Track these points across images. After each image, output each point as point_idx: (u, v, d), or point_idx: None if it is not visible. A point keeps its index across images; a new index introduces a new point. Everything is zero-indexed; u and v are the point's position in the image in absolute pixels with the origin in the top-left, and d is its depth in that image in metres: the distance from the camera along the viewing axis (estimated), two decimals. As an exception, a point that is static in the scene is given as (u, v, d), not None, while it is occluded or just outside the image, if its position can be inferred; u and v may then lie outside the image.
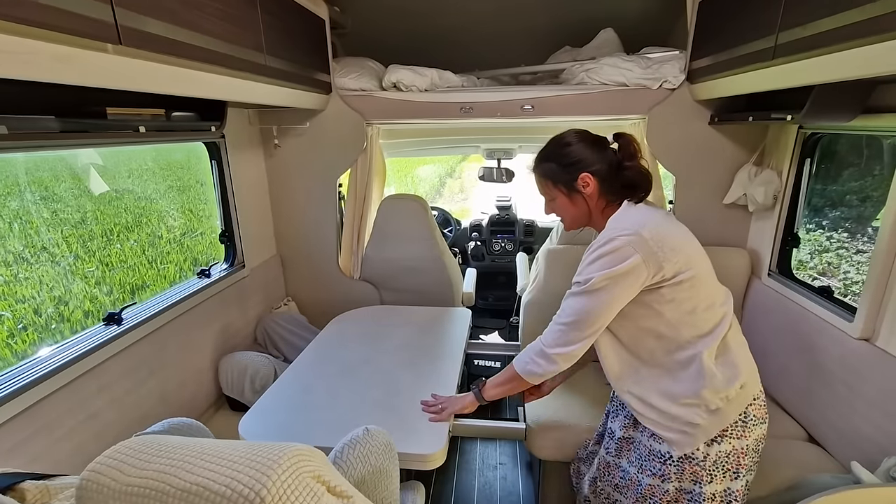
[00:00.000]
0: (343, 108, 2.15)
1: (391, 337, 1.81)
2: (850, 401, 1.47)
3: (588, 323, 1.09)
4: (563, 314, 1.13)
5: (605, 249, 1.06)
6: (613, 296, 1.06)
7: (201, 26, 1.17)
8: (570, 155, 1.18)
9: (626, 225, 1.08)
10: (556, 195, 1.22)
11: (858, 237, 3.94)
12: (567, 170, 1.18)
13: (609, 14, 2.37)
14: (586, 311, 1.08)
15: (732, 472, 1.13)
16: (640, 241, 1.04)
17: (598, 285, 1.05)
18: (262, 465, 0.51)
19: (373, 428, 0.91)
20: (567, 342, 1.11)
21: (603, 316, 1.09)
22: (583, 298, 1.08)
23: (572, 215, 1.23)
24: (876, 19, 1.01)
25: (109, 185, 5.69)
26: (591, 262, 1.08)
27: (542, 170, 1.24)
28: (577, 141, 1.20)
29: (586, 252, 1.12)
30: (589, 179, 1.16)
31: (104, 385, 1.37)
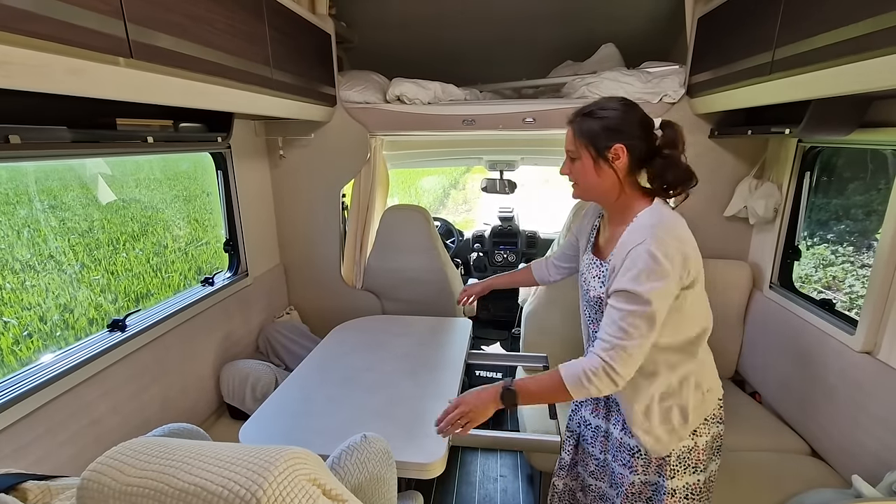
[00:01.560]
0: (347, 119, 2.19)
1: (392, 346, 1.81)
2: (853, 414, 1.46)
3: (650, 338, 1.01)
4: (622, 330, 1.00)
5: (670, 250, 0.99)
6: (662, 309, 1.00)
7: (210, 41, 1.21)
8: (613, 119, 1.07)
9: (679, 231, 1.04)
10: (583, 155, 1.10)
11: (864, 251, 3.93)
12: (605, 133, 1.07)
13: (610, 29, 2.41)
14: (648, 326, 1.00)
15: (692, 467, 1.17)
16: (684, 257, 1.01)
17: (654, 298, 0.98)
18: (259, 467, 0.52)
19: (371, 435, 0.91)
20: (635, 362, 1.02)
21: (657, 330, 1.03)
22: (643, 320, 1.00)
23: (590, 183, 1.12)
24: (870, 35, 1.03)
25: (117, 194, 5.76)
26: (641, 269, 0.99)
27: (579, 124, 1.11)
28: (626, 109, 1.10)
29: (636, 253, 1.01)
30: (622, 152, 1.07)
31: (107, 391, 1.38)
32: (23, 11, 0.75)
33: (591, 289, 1.18)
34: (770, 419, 1.81)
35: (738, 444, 1.67)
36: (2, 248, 4.15)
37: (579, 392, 1.02)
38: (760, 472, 1.52)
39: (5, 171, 4.29)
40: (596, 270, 1.18)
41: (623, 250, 1.04)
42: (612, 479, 1.27)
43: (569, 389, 1.03)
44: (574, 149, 1.12)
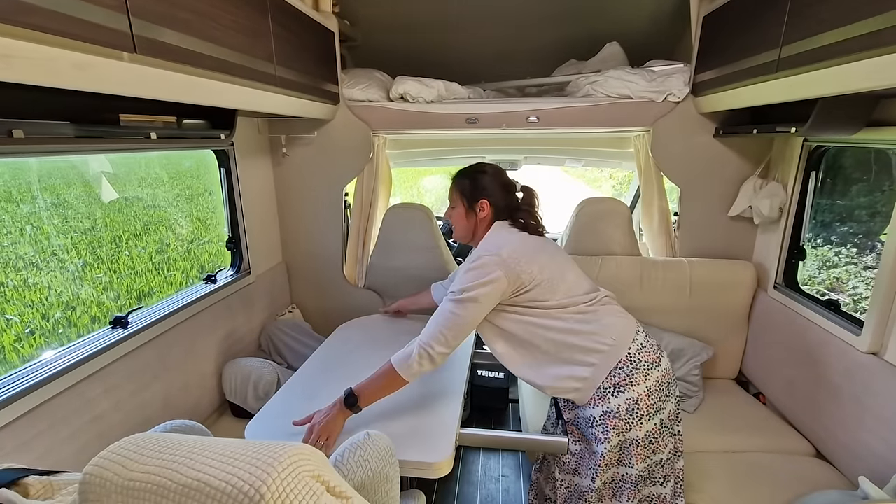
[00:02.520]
0: (350, 118, 2.18)
1: (396, 345, 1.80)
2: (858, 415, 1.45)
3: (466, 326, 1.28)
4: (442, 319, 1.29)
5: (475, 265, 1.30)
6: (481, 303, 1.28)
7: (214, 36, 1.20)
8: (481, 181, 1.46)
9: (489, 247, 1.33)
10: (458, 205, 1.48)
11: (867, 252, 3.91)
12: (474, 191, 1.45)
13: (614, 28, 2.40)
14: (462, 316, 1.28)
15: (644, 414, 1.26)
16: (500, 259, 1.28)
17: (470, 294, 1.27)
18: (263, 463, 0.52)
19: (374, 432, 0.91)
20: (448, 343, 1.27)
21: (475, 319, 1.30)
22: (459, 305, 1.28)
23: (462, 227, 1.50)
24: (878, 33, 1.02)
25: (120, 192, 5.77)
26: (464, 274, 1.31)
27: (458, 181, 1.51)
28: (492, 174, 1.48)
29: (461, 268, 1.39)
30: (486, 206, 1.44)
31: (109, 387, 1.38)
32: (26, 4, 0.75)
33: None
34: (774, 420, 1.80)
35: (742, 445, 1.66)
36: (4, 245, 4.16)
37: (410, 374, 1.28)
38: (765, 474, 1.51)
39: (8, 168, 4.30)
40: None
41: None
42: (582, 465, 1.36)
43: (401, 374, 1.28)
44: (453, 199, 1.51)
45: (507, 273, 1.28)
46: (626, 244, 2.12)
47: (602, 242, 2.12)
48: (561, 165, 4.44)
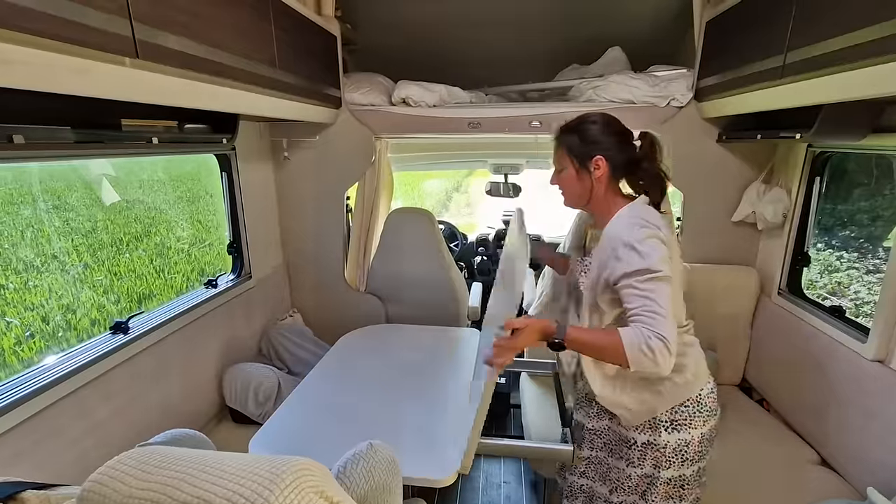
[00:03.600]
0: (352, 122, 2.18)
1: (401, 356, 1.79)
2: (865, 424, 1.43)
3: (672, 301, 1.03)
4: (657, 304, 1.01)
5: (649, 233, 1.05)
6: (669, 272, 1.04)
7: (216, 41, 1.20)
8: (592, 134, 1.19)
9: (652, 220, 1.09)
10: (567, 166, 1.22)
11: (869, 257, 3.90)
12: (584, 146, 1.19)
13: (617, 33, 2.40)
14: (665, 289, 1.02)
15: (688, 459, 1.20)
16: (662, 237, 1.07)
17: (656, 265, 1.03)
18: (265, 479, 0.50)
19: (377, 443, 0.89)
20: (671, 326, 1.01)
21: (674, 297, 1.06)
22: (662, 283, 1.02)
23: (575, 192, 1.23)
24: (884, 40, 1.01)
25: (121, 195, 5.77)
26: (645, 249, 1.03)
27: (562, 139, 1.23)
28: (603, 124, 1.20)
29: (619, 243, 1.08)
30: (601, 163, 1.17)
31: (109, 394, 1.37)
32: (27, 9, 0.74)
33: (580, 284, 1.26)
34: (778, 427, 1.79)
35: (746, 453, 1.65)
36: (5, 247, 4.15)
37: (639, 360, 0.99)
38: (769, 482, 1.50)
39: (10, 171, 4.29)
40: (581, 267, 1.27)
41: (607, 244, 1.12)
42: (605, 475, 1.32)
43: (628, 356, 1.00)
44: (559, 160, 1.24)
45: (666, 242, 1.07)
46: (629, 249, 2.11)
47: (605, 247, 2.11)
48: (563, 169, 4.43)
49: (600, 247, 1.15)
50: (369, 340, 1.94)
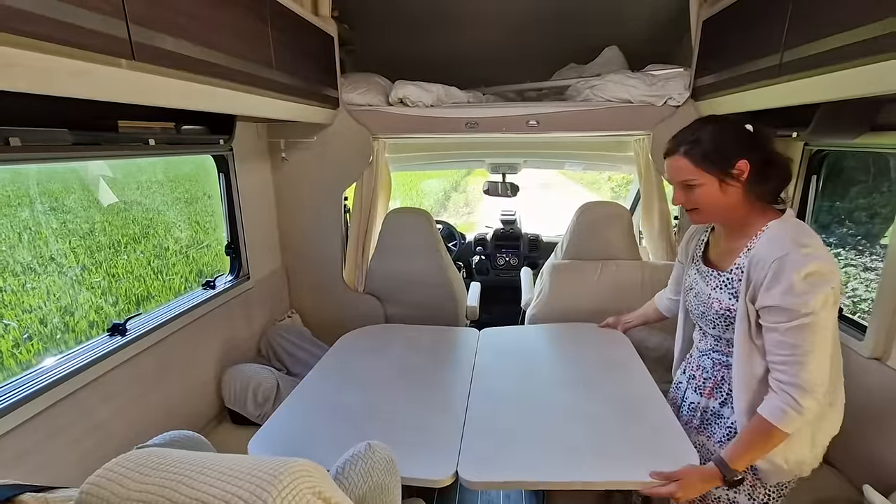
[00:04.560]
0: (350, 122, 2.18)
1: (401, 357, 1.77)
2: (863, 422, 1.43)
3: (823, 348, 0.99)
4: (790, 346, 0.99)
5: (810, 271, 0.96)
6: (827, 318, 0.99)
7: (212, 42, 1.19)
8: (729, 137, 1.08)
9: (823, 251, 1.00)
10: (706, 181, 1.08)
11: (867, 254, 3.91)
12: (726, 152, 1.06)
13: (614, 32, 2.40)
14: (813, 337, 0.97)
15: (784, 496, 1.18)
16: (838, 271, 0.99)
17: (813, 308, 0.96)
18: (263, 481, 0.50)
19: (375, 443, 0.90)
20: (820, 372, 0.99)
21: (830, 340, 1.01)
22: (804, 322, 0.97)
23: (719, 206, 1.10)
24: (880, 38, 1.02)
25: (119, 196, 5.76)
26: (799, 285, 0.96)
27: (687, 150, 1.09)
28: (725, 125, 1.10)
29: (773, 268, 0.99)
30: (745, 166, 1.05)
31: (108, 395, 1.37)
32: (23, 12, 0.74)
33: (714, 301, 1.16)
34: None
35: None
36: (2, 250, 4.14)
37: (792, 422, 1.00)
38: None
39: (7, 173, 4.28)
40: (716, 282, 1.17)
41: (761, 263, 1.01)
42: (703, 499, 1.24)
43: (780, 427, 1.00)
44: (693, 176, 1.09)
45: (832, 284, 0.97)
46: (627, 248, 2.11)
47: (602, 246, 2.11)
48: (560, 169, 4.45)
49: (752, 264, 1.04)
50: (368, 340, 1.94)
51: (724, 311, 1.14)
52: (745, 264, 1.06)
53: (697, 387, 1.29)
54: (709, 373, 1.26)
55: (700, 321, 1.26)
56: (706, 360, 1.27)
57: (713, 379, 1.24)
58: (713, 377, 1.24)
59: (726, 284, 1.14)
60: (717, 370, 1.23)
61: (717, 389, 1.24)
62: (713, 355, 1.25)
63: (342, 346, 1.90)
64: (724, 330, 1.17)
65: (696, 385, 1.30)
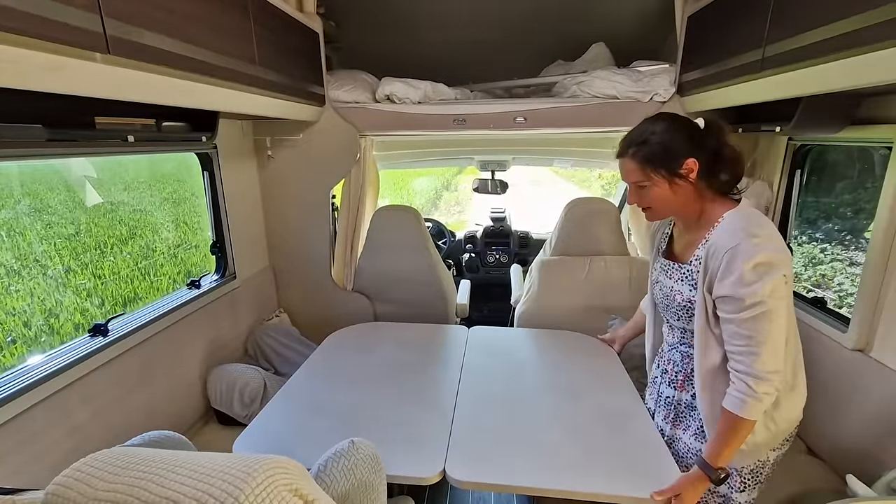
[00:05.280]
0: (337, 119, 2.16)
1: (389, 355, 1.77)
2: (847, 413, 1.45)
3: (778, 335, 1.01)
4: (744, 337, 1.02)
5: (758, 261, 0.98)
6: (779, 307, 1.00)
7: (192, 37, 1.18)
8: (674, 139, 1.09)
9: (774, 240, 1.02)
10: (655, 182, 1.11)
11: (852, 249, 3.96)
12: (672, 153, 1.08)
13: (601, 29, 2.41)
14: (769, 325, 1.00)
15: (760, 483, 1.19)
16: (789, 259, 1.01)
17: (765, 297, 0.98)
18: (236, 479, 0.49)
19: (358, 440, 0.89)
20: (776, 360, 1.01)
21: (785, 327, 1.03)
22: (757, 312, 1.00)
23: (671, 205, 1.13)
24: (859, 31, 1.02)
25: (105, 197, 5.69)
26: (749, 275, 0.98)
27: (635, 153, 1.12)
28: (674, 124, 1.11)
29: (725, 259, 1.01)
30: (694, 165, 1.08)
31: (89, 397, 1.34)
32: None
33: (676, 294, 1.19)
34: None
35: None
36: (-16, 252, 4.07)
37: (752, 409, 1.02)
38: None
39: (-12, 173, 4.21)
40: (678, 274, 1.19)
41: (716, 253, 1.04)
42: None
43: (742, 415, 1.02)
44: (641, 178, 1.13)
45: (784, 273, 1.00)
46: (615, 244, 2.12)
47: (591, 242, 2.11)
48: (549, 166, 4.46)
49: (708, 255, 1.06)
50: (356, 338, 1.93)
51: (685, 302, 1.16)
52: (703, 255, 1.08)
53: (671, 381, 1.31)
54: (679, 366, 1.28)
55: (666, 314, 1.27)
56: (675, 353, 1.28)
57: (683, 372, 1.26)
58: (683, 370, 1.26)
59: (687, 276, 1.16)
60: (687, 363, 1.25)
61: (688, 382, 1.25)
62: (681, 348, 1.26)
63: (330, 344, 1.89)
64: (687, 321, 1.18)
65: (670, 379, 1.32)
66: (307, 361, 1.73)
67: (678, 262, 1.20)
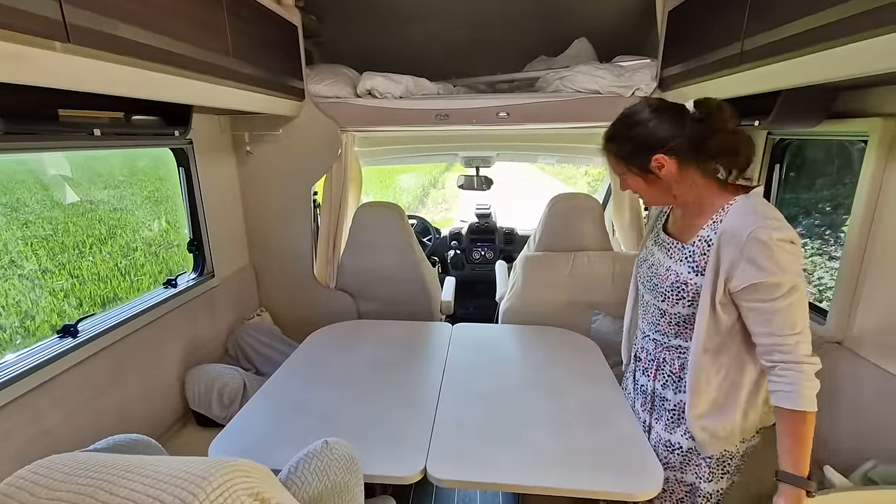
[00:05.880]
0: (317, 114, 2.12)
1: (370, 354, 1.74)
2: (825, 404, 1.45)
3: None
4: (786, 322, 0.97)
5: (778, 242, 0.94)
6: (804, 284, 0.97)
7: (160, 26, 1.14)
8: (640, 135, 1.07)
9: (787, 223, 1.00)
10: (630, 176, 1.13)
11: (832, 243, 4.03)
12: (637, 150, 1.07)
13: (583, 24, 2.40)
14: (804, 305, 0.97)
15: (729, 472, 1.18)
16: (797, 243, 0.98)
17: (795, 277, 0.95)
18: (190, 483, 0.47)
19: (332, 440, 0.86)
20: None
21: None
22: (792, 295, 0.96)
23: (650, 196, 1.14)
24: (835, 24, 1.03)
25: (83, 195, 5.56)
26: (777, 257, 0.94)
27: (609, 148, 1.14)
28: (649, 116, 1.07)
29: (746, 246, 0.96)
30: (664, 161, 1.05)
31: (58, 400, 1.30)
32: None
33: (671, 273, 1.13)
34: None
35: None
36: (-45, 253, 3.96)
37: (809, 401, 0.96)
38: None
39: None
40: (679, 254, 1.13)
41: (732, 236, 0.99)
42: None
43: (802, 409, 0.96)
44: (620, 170, 1.15)
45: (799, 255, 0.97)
46: (598, 239, 2.12)
47: (574, 238, 2.11)
48: (534, 162, 4.46)
49: (721, 239, 1.02)
50: (338, 337, 1.90)
51: (680, 284, 1.11)
52: (714, 239, 1.03)
53: (644, 369, 1.31)
54: (651, 355, 1.27)
55: (649, 293, 1.22)
56: (648, 341, 1.27)
57: (655, 361, 1.25)
58: (655, 359, 1.25)
59: (688, 258, 1.11)
60: (659, 352, 1.23)
61: (659, 371, 1.25)
62: (654, 336, 1.24)
63: (312, 342, 1.86)
64: (673, 304, 1.14)
65: (643, 367, 1.31)
66: (287, 360, 1.70)
67: (679, 241, 1.15)
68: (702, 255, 1.08)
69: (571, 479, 1.12)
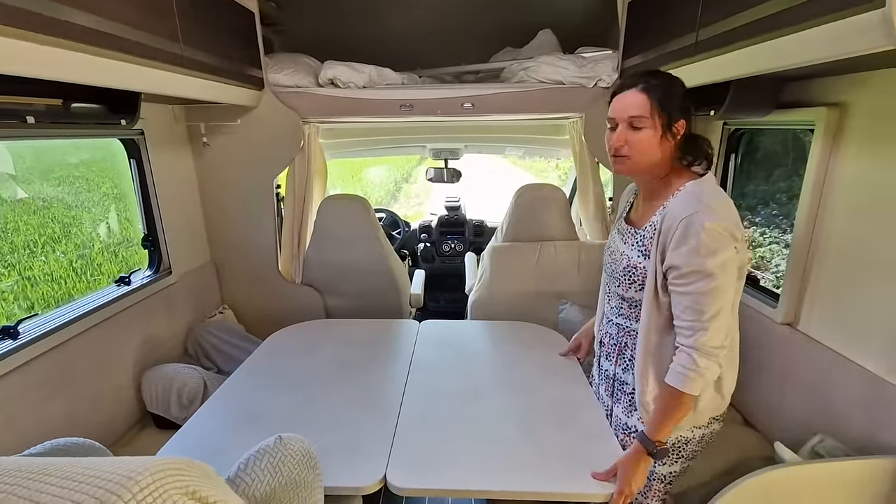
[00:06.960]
0: (277, 105, 2.06)
1: (334, 354, 1.69)
2: (778, 384, 1.53)
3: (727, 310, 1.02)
4: (695, 311, 1.01)
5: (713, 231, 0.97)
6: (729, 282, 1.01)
7: (97, 7, 1.07)
8: (683, 96, 1.08)
9: (731, 213, 1.03)
10: (650, 126, 1.06)
11: (788, 231, 4.21)
12: (675, 104, 1.06)
13: (548, 16, 2.41)
14: (719, 300, 1.00)
15: (683, 457, 1.20)
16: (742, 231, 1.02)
17: (717, 271, 0.98)
18: (115, 484, 0.44)
19: (287, 436, 0.84)
20: (721, 335, 1.02)
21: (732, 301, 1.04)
22: (709, 285, 0.99)
23: (650, 156, 1.08)
24: (780, 14, 1.05)
25: (35, 193, 5.28)
26: (704, 246, 0.98)
27: (651, 89, 1.06)
28: (680, 83, 1.10)
29: (681, 226, 1.00)
30: (682, 126, 1.07)
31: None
32: None
33: (623, 258, 1.18)
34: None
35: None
36: None
37: (695, 384, 1.02)
38: None
39: None
40: (632, 239, 1.17)
41: (671, 220, 1.03)
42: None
43: (684, 390, 1.02)
44: (644, 114, 1.06)
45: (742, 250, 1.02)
46: (564, 229, 2.14)
47: (540, 228, 2.12)
48: (501, 154, 4.47)
49: (663, 221, 1.05)
50: (301, 337, 1.84)
51: (630, 267, 1.15)
52: (659, 221, 1.07)
53: (608, 353, 1.32)
54: (614, 339, 1.29)
55: (610, 280, 1.26)
56: (612, 325, 1.29)
57: (618, 346, 1.27)
58: (618, 344, 1.27)
59: (639, 242, 1.15)
60: (621, 336, 1.25)
61: (621, 356, 1.27)
62: (617, 320, 1.26)
63: (273, 343, 1.80)
64: (627, 288, 1.18)
65: (606, 352, 1.33)
66: (247, 361, 1.64)
67: (634, 227, 1.20)
68: (650, 240, 1.11)
69: (539, 482, 1.09)
